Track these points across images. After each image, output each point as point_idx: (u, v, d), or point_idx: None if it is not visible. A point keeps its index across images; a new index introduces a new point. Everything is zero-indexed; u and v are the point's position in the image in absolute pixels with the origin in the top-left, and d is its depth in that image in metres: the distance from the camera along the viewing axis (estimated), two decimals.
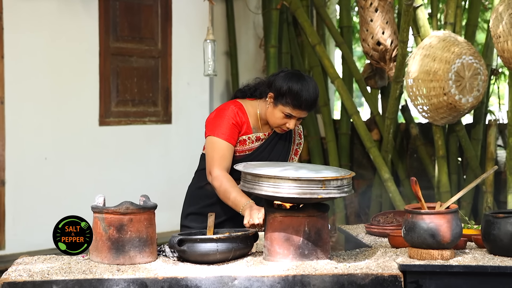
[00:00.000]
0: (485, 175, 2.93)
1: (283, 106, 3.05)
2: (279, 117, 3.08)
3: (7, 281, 2.49)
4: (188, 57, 6.38)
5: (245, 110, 3.16)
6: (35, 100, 5.57)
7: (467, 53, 4.81)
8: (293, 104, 3.03)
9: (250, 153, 3.17)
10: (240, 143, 3.15)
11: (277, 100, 3.07)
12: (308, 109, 3.06)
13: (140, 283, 2.51)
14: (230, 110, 3.13)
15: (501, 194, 5.44)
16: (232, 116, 3.11)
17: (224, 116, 3.11)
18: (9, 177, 5.44)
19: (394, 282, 2.57)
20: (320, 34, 6.43)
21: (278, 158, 3.24)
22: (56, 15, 5.63)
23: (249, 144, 3.17)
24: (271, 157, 3.21)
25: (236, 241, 2.73)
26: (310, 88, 3.04)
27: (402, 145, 6.17)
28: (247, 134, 3.16)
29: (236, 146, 3.14)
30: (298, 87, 3.02)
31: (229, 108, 3.14)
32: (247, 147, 3.17)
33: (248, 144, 3.17)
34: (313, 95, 3.04)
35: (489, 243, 2.81)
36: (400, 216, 3.43)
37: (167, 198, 6.07)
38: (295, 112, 3.06)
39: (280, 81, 3.06)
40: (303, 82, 3.04)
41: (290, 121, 3.09)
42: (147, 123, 6.23)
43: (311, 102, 3.04)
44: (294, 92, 3.01)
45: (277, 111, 3.08)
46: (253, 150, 3.17)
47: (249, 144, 3.17)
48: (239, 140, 3.14)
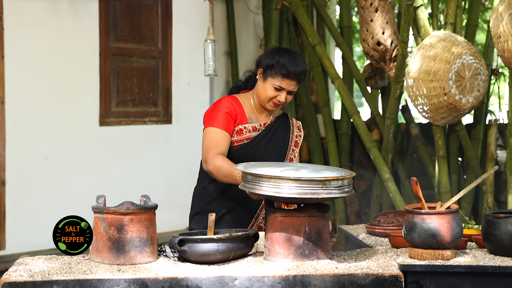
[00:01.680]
0: (486, 175, 2.93)
1: (272, 78, 3.13)
2: (270, 90, 3.15)
3: (8, 281, 2.49)
4: (188, 57, 6.38)
5: (239, 101, 3.23)
6: (35, 100, 5.57)
7: (467, 53, 4.81)
8: (282, 74, 3.10)
9: (248, 142, 3.20)
10: (237, 133, 3.19)
11: (266, 74, 3.15)
12: (296, 79, 3.13)
13: (140, 283, 2.51)
14: (223, 101, 3.21)
15: (502, 194, 5.44)
16: (226, 106, 3.18)
17: (218, 107, 3.19)
18: (9, 177, 5.45)
19: (395, 282, 2.57)
20: (320, 34, 6.44)
21: (277, 148, 3.27)
22: (56, 15, 5.63)
23: (246, 134, 3.21)
24: (269, 147, 3.24)
25: (237, 241, 2.73)
26: (297, 59, 3.14)
27: (402, 145, 6.17)
28: (243, 123, 3.20)
29: (234, 136, 3.19)
30: (285, 57, 3.12)
31: (222, 100, 3.22)
32: (245, 136, 3.20)
33: (245, 133, 3.21)
34: (300, 65, 3.13)
35: (489, 243, 2.81)
36: (400, 216, 3.43)
37: (168, 198, 6.08)
38: (284, 83, 3.12)
39: (268, 56, 3.17)
40: (290, 54, 3.16)
41: (280, 94, 3.15)
42: (147, 123, 6.23)
43: (299, 71, 3.12)
44: (281, 63, 3.10)
45: (267, 85, 3.15)
46: (251, 139, 3.21)
47: (246, 133, 3.21)
48: (236, 130, 3.19)
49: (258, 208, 3.26)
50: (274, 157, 3.25)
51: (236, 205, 3.21)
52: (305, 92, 6.37)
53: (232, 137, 3.18)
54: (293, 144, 3.36)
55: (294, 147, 3.36)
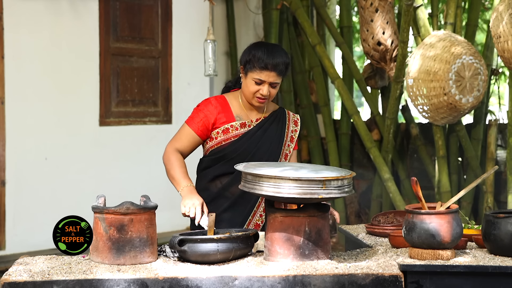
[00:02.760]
0: (486, 175, 2.93)
1: (251, 72, 3.15)
2: (251, 85, 3.17)
3: (8, 281, 2.49)
4: (188, 57, 6.39)
5: (226, 100, 3.26)
6: (35, 100, 5.57)
7: (467, 53, 4.81)
8: (259, 67, 3.12)
9: (236, 139, 3.22)
10: (223, 132, 3.22)
11: (246, 70, 3.18)
12: (275, 70, 3.13)
13: (140, 283, 2.51)
14: (205, 101, 3.26)
15: (502, 194, 5.44)
16: (205, 106, 3.23)
17: (200, 109, 3.25)
18: (9, 177, 5.45)
19: (395, 282, 2.57)
20: (320, 34, 6.44)
21: (271, 143, 3.27)
22: (56, 15, 5.63)
23: (233, 132, 3.22)
24: (261, 142, 3.24)
25: (237, 241, 2.73)
26: (274, 50, 3.16)
27: (402, 145, 6.17)
28: (230, 122, 3.22)
29: (220, 136, 3.22)
30: (261, 50, 3.15)
31: (205, 100, 3.28)
32: (232, 134, 3.22)
33: (232, 132, 3.22)
34: (278, 56, 3.14)
35: (489, 243, 2.81)
36: (400, 216, 3.43)
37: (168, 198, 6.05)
38: (263, 75, 3.13)
39: (245, 52, 3.22)
40: (267, 46, 3.19)
41: (262, 88, 3.16)
42: (147, 123, 6.23)
43: (276, 62, 3.12)
44: (257, 56, 3.13)
45: (248, 80, 3.18)
46: (240, 136, 3.22)
47: (233, 131, 3.22)
48: (222, 129, 3.22)
49: (254, 206, 3.26)
50: (268, 153, 3.25)
51: (233, 204, 3.24)
52: (305, 92, 6.37)
53: (219, 136, 3.21)
54: (288, 139, 3.34)
55: (290, 142, 3.34)
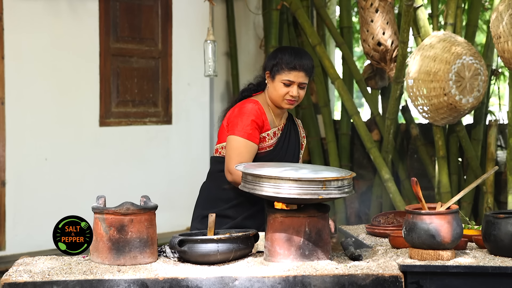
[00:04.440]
0: (486, 176, 2.93)
1: (279, 75, 3.14)
2: (280, 88, 3.15)
3: (8, 282, 2.49)
4: (188, 57, 6.38)
5: (262, 106, 3.20)
6: (35, 101, 5.57)
7: (467, 54, 4.81)
8: (287, 67, 3.12)
9: (271, 149, 3.20)
10: (261, 140, 3.17)
11: (273, 73, 3.16)
12: (303, 70, 3.14)
13: (140, 283, 2.51)
14: (251, 108, 3.15)
15: (502, 195, 5.44)
16: (253, 113, 3.14)
17: (244, 114, 3.14)
18: (9, 177, 5.45)
19: (395, 282, 2.57)
20: (321, 34, 6.44)
21: (294, 150, 3.29)
22: (56, 16, 5.63)
23: (268, 141, 3.19)
24: (288, 150, 3.25)
25: (237, 241, 2.73)
26: (300, 51, 3.19)
27: (402, 145, 6.17)
28: (267, 130, 3.19)
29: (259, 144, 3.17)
30: (287, 52, 3.17)
31: (249, 106, 3.17)
32: (267, 144, 3.19)
33: (268, 141, 3.19)
34: (304, 56, 3.16)
35: (489, 244, 2.81)
36: (400, 216, 3.43)
37: (168, 199, 6.08)
38: (292, 76, 3.13)
39: (270, 57, 3.21)
40: (292, 48, 3.22)
41: (291, 89, 3.15)
42: (147, 123, 6.23)
43: (304, 62, 3.14)
44: (285, 57, 3.14)
45: (277, 84, 3.16)
46: (273, 145, 3.20)
47: (268, 140, 3.19)
48: (260, 137, 3.17)
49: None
50: (294, 156, 3.28)
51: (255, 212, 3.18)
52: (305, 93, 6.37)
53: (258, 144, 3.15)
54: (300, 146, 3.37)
55: (300, 149, 3.38)
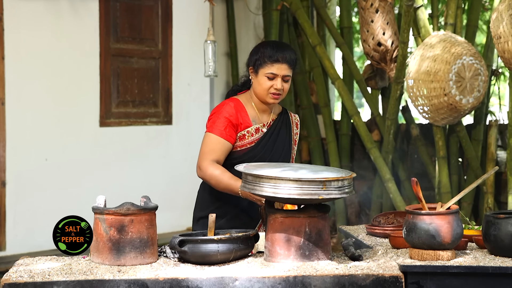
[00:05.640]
0: (486, 176, 2.93)
1: (262, 68, 3.16)
2: (264, 82, 3.16)
3: (8, 282, 2.49)
4: (188, 58, 6.39)
5: (241, 103, 3.22)
6: (35, 101, 5.57)
7: (467, 54, 4.81)
8: (270, 60, 3.14)
9: (253, 146, 3.20)
10: (239, 138, 3.18)
11: (256, 68, 3.18)
12: (286, 62, 3.15)
13: (141, 284, 2.51)
14: (225, 106, 3.19)
15: (502, 195, 5.44)
16: (227, 110, 3.17)
17: (220, 112, 3.18)
18: (9, 178, 5.45)
19: (395, 282, 2.57)
20: (321, 34, 6.44)
21: (283, 147, 3.28)
22: (56, 16, 5.63)
23: (248, 138, 3.20)
24: (276, 146, 3.25)
25: (237, 242, 2.73)
26: (282, 44, 3.22)
27: (402, 145, 6.17)
28: (247, 127, 3.19)
29: (237, 141, 3.18)
30: (269, 45, 3.19)
31: (225, 104, 3.21)
32: (247, 141, 3.20)
33: (248, 138, 3.20)
34: (286, 49, 3.18)
35: (489, 244, 2.81)
36: (400, 216, 3.43)
37: (168, 199, 6.08)
38: (275, 69, 3.14)
39: (253, 52, 3.23)
40: (274, 42, 3.28)
41: (275, 82, 3.16)
42: (147, 124, 6.23)
43: (286, 54, 3.15)
44: (267, 51, 3.16)
45: (260, 77, 3.17)
46: (256, 142, 3.21)
47: (248, 137, 3.20)
48: (239, 135, 3.18)
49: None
50: (281, 157, 3.28)
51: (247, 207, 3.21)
52: (306, 93, 6.37)
53: (235, 142, 3.18)
54: (293, 142, 3.38)
55: (294, 145, 3.39)
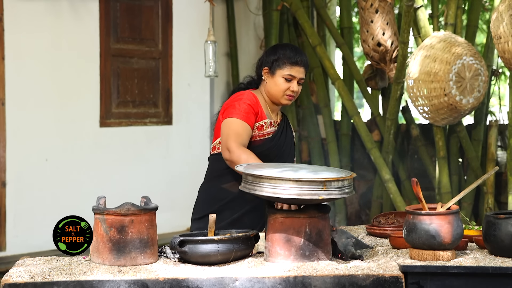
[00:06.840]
0: (486, 176, 2.92)
1: (281, 70, 3.18)
2: (281, 83, 3.19)
3: (8, 283, 2.49)
4: (188, 58, 6.39)
5: (256, 96, 3.24)
6: (36, 101, 5.57)
7: (467, 54, 4.81)
8: (289, 62, 3.17)
9: (270, 137, 3.22)
10: (258, 128, 3.20)
11: (273, 69, 3.20)
12: (304, 66, 3.20)
13: (141, 284, 2.51)
14: (247, 94, 3.21)
15: (502, 195, 5.44)
16: (249, 99, 3.17)
17: (241, 99, 3.18)
18: (10, 178, 5.45)
19: (395, 283, 2.57)
20: (321, 35, 6.44)
21: (290, 147, 3.33)
22: (56, 17, 5.63)
23: (266, 129, 3.23)
24: (285, 145, 3.29)
25: (237, 242, 2.73)
26: (298, 48, 3.26)
27: (402, 146, 6.17)
28: (264, 119, 3.22)
29: (255, 131, 3.19)
30: (288, 48, 3.22)
31: (244, 93, 3.22)
32: (266, 131, 3.22)
33: (266, 129, 3.23)
34: (303, 52, 3.25)
35: (490, 244, 2.81)
36: (401, 217, 3.43)
37: (168, 199, 6.08)
38: (294, 71, 3.18)
39: (269, 53, 3.24)
40: (290, 45, 3.29)
41: (292, 84, 3.19)
42: (147, 124, 6.23)
43: (303, 58, 3.20)
44: (286, 53, 3.19)
45: (277, 79, 3.19)
46: (272, 134, 3.23)
47: (266, 128, 3.23)
48: (257, 125, 3.19)
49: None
50: (290, 155, 3.32)
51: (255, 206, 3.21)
52: (306, 93, 6.37)
53: (254, 131, 3.18)
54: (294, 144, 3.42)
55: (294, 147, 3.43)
